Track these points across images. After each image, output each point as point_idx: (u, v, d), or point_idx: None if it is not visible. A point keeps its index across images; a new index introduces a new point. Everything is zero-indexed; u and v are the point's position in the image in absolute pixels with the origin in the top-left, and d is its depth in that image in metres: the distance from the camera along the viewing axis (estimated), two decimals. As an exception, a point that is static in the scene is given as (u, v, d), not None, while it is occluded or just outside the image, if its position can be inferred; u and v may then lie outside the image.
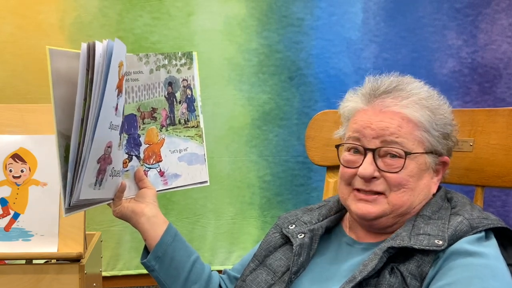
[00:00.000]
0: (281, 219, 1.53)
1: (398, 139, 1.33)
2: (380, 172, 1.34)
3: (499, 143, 1.47)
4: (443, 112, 1.39)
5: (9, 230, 1.70)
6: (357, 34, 2.68)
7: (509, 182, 1.46)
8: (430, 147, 1.36)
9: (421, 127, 1.35)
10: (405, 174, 1.33)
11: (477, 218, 1.31)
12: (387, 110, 1.36)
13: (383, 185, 1.35)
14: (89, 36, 2.51)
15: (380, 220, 1.37)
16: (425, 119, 1.35)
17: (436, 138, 1.36)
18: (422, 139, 1.35)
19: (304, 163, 2.66)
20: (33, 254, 1.68)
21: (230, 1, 2.62)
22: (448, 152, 1.41)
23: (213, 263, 2.65)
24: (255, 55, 2.65)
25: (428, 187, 1.38)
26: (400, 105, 1.36)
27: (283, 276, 1.39)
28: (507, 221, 2.65)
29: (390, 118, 1.35)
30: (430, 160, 1.37)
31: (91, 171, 1.26)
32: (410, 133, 1.34)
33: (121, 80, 1.28)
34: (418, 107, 1.36)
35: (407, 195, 1.34)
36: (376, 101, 1.38)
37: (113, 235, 2.62)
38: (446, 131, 1.39)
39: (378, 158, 1.35)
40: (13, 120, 1.76)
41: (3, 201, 1.71)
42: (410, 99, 1.36)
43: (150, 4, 2.57)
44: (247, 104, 2.65)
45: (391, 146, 1.33)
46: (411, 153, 1.33)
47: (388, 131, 1.34)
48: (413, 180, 1.34)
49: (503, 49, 2.67)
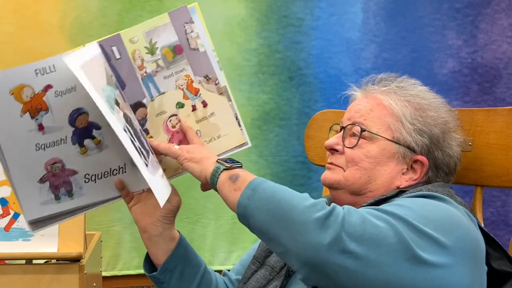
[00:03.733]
0: None
1: (366, 121, 1.39)
2: (343, 147, 1.40)
3: (498, 142, 1.47)
4: (432, 113, 1.40)
5: (9, 230, 1.70)
6: (357, 34, 2.68)
7: (508, 181, 1.45)
8: (400, 137, 1.37)
9: (393, 115, 1.38)
10: (360, 152, 1.38)
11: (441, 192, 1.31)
12: (369, 95, 1.44)
13: (341, 160, 1.40)
14: (89, 36, 2.51)
15: (338, 192, 1.40)
16: (400, 109, 1.38)
17: (408, 131, 1.37)
18: (391, 127, 1.38)
19: (304, 163, 2.66)
20: (33, 254, 1.68)
21: (230, 1, 2.62)
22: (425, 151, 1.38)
23: (213, 263, 2.65)
24: (255, 55, 2.65)
25: (390, 176, 1.38)
26: (380, 91, 1.42)
27: (281, 271, 1.41)
28: (507, 221, 2.65)
29: (367, 102, 1.42)
30: (397, 150, 1.37)
31: (34, 191, 1.29)
32: (379, 117, 1.39)
33: (30, 103, 1.26)
34: (396, 97, 1.40)
35: (360, 173, 1.37)
36: (366, 89, 1.46)
37: (113, 235, 2.62)
38: (427, 129, 1.38)
39: (348, 136, 1.41)
40: (13, 120, 1.76)
41: (3, 201, 1.71)
42: (392, 89, 1.42)
43: (150, 4, 2.57)
44: (247, 104, 2.65)
45: (355, 124, 1.39)
46: (366, 130, 1.37)
47: (359, 113, 1.41)
48: (369, 161, 1.37)
49: (503, 49, 2.67)
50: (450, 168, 1.42)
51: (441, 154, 1.40)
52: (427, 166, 1.38)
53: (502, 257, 1.31)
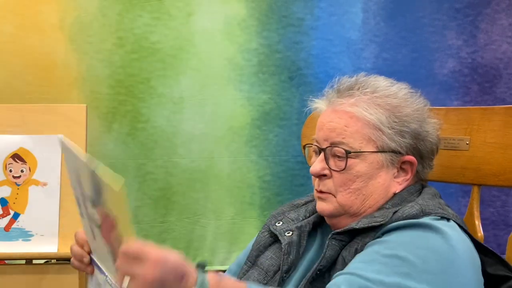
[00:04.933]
0: (269, 217, 1.53)
1: (345, 139, 1.34)
2: (330, 171, 1.36)
3: (496, 141, 1.47)
4: (406, 110, 1.36)
5: (9, 230, 1.70)
6: (357, 34, 2.68)
7: (505, 180, 1.45)
8: (384, 145, 1.34)
9: (370, 125, 1.34)
10: (351, 174, 1.34)
11: (432, 205, 1.30)
12: (338, 109, 1.37)
13: (330, 185, 1.36)
14: (89, 36, 2.52)
15: (338, 219, 1.37)
16: (374, 117, 1.33)
17: (389, 136, 1.34)
18: (372, 138, 1.34)
19: (304, 163, 2.65)
20: (33, 254, 1.69)
21: (230, 1, 2.62)
22: (411, 150, 1.36)
23: (213, 263, 2.65)
24: (255, 55, 2.65)
25: (385, 186, 1.35)
26: (348, 103, 1.36)
27: (275, 275, 1.38)
28: (507, 221, 2.65)
29: (339, 117, 1.36)
30: (384, 158, 1.34)
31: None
32: (357, 132, 1.34)
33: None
34: (367, 106, 1.34)
35: (354, 195, 1.34)
36: (332, 101, 1.40)
37: (113, 235, 2.62)
38: (407, 129, 1.35)
39: (330, 157, 1.36)
40: (13, 120, 1.77)
41: (3, 201, 1.71)
42: (359, 98, 1.36)
43: (150, 4, 2.57)
44: (247, 104, 2.65)
45: (337, 146, 1.34)
46: (352, 151, 1.33)
47: (335, 132, 1.35)
48: (360, 180, 1.34)
49: (503, 49, 2.67)
50: (433, 153, 1.41)
51: (424, 145, 1.38)
52: (416, 164, 1.37)
53: (496, 262, 1.31)
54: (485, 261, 1.30)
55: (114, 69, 2.55)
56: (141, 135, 2.60)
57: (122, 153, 2.59)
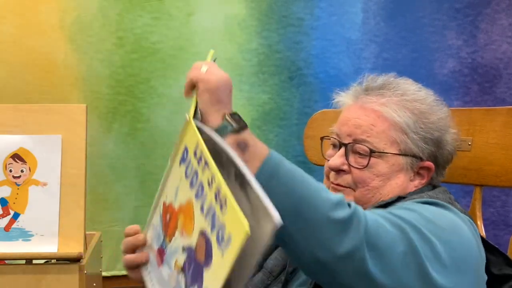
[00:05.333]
0: None
1: (370, 138, 1.34)
2: (350, 167, 1.36)
3: (498, 142, 1.47)
4: (432, 117, 1.37)
5: (9, 230, 1.70)
6: (357, 34, 2.68)
7: (507, 181, 1.45)
8: (407, 149, 1.35)
9: (397, 128, 1.34)
10: (370, 172, 1.34)
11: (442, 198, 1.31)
12: (366, 106, 1.37)
13: (349, 180, 1.36)
14: (89, 36, 2.52)
15: None
16: (402, 120, 1.34)
17: (413, 141, 1.34)
18: (397, 140, 1.34)
19: (304, 163, 2.65)
20: (33, 254, 1.68)
21: (230, 1, 2.62)
22: (431, 157, 1.37)
23: (213, 263, 2.65)
24: (255, 55, 2.65)
25: (402, 188, 1.36)
26: (378, 102, 1.36)
27: (280, 276, 1.39)
28: (507, 221, 2.65)
29: (366, 115, 1.36)
30: (405, 161, 1.35)
31: None
32: (383, 132, 1.34)
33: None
34: (397, 108, 1.35)
35: (372, 193, 1.35)
36: (360, 97, 1.39)
37: (113, 235, 2.62)
38: (431, 136, 1.36)
39: (351, 153, 1.36)
40: (13, 120, 1.76)
41: (3, 201, 1.71)
42: (390, 98, 1.36)
43: (150, 4, 2.57)
44: (247, 104, 2.65)
45: (360, 143, 1.34)
46: (376, 151, 1.33)
47: (361, 129, 1.35)
48: (380, 179, 1.34)
49: (503, 49, 2.67)
50: (448, 163, 1.42)
51: (442, 153, 1.39)
52: (433, 170, 1.38)
53: (501, 262, 1.31)
54: (490, 260, 1.30)
55: (114, 69, 2.54)
56: (141, 135, 2.60)
57: (122, 153, 2.59)
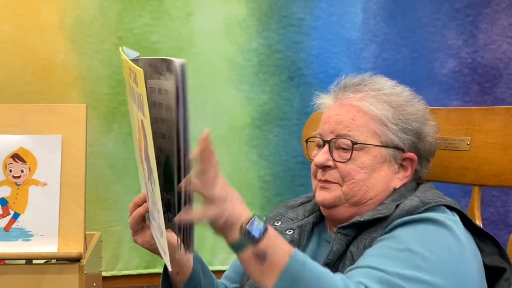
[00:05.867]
0: (267, 219, 1.53)
1: (351, 132, 1.39)
2: (334, 162, 1.39)
3: (496, 141, 1.47)
4: (410, 109, 1.42)
5: (9, 230, 1.70)
6: (357, 34, 2.68)
7: (506, 181, 1.45)
8: (388, 140, 1.39)
9: (376, 120, 1.39)
10: (355, 165, 1.38)
11: (431, 196, 1.34)
12: (345, 103, 1.43)
13: (336, 175, 1.40)
14: (89, 36, 2.52)
15: (338, 209, 1.41)
16: (381, 113, 1.39)
17: (393, 132, 1.39)
18: (378, 132, 1.39)
19: (304, 163, 2.66)
20: (33, 254, 1.68)
21: (230, 1, 2.62)
22: (413, 148, 1.42)
23: (213, 263, 2.64)
24: (255, 55, 2.65)
25: (387, 180, 1.40)
26: (356, 97, 1.42)
27: None
28: (506, 221, 2.65)
29: (346, 111, 1.41)
30: (388, 153, 1.39)
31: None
32: (363, 125, 1.39)
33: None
34: (375, 101, 1.40)
35: (358, 185, 1.38)
36: (339, 96, 1.45)
37: (113, 235, 2.62)
38: (410, 126, 1.41)
39: (334, 149, 1.40)
40: (13, 120, 1.77)
41: (3, 201, 1.71)
42: (366, 93, 1.42)
43: (150, 4, 2.57)
44: (247, 104, 2.65)
45: (343, 138, 1.39)
46: (357, 143, 1.37)
47: (342, 124, 1.40)
48: (364, 171, 1.38)
49: (503, 49, 2.67)
50: (431, 154, 1.46)
51: (423, 145, 1.43)
52: (416, 161, 1.42)
53: (494, 252, 1.33)
54: (483, 250, 1.33)
55: (114, 69, 2.54)
56: (141, 135, 2.60)
57: (122, 153, 2.59)
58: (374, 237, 1.29)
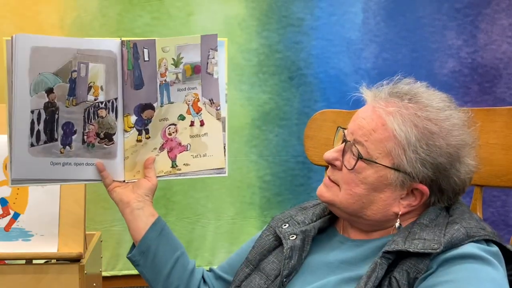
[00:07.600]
0: (275, 220, 1.50)
1: (367, 142, 1.30)
2: (342, 164, 1.34)
3: (498, 142, 1.47)
4: (441, 141, 1.29)
5: (9, 230, 1.70)
6: (357, 34, 2.68)
7: (508, 181, 1.45)
8: (400, 164, 1.28)
9: (396, 141, 1.28)
10: (357, 177, 1.31)
11: (475, 227, 1.27)
12: (376, 110, 1.31)
13: (339, 177, 1.35)
14: (89, 36, 2.51)
15: (335, 209, 1.38)
16: (404, 135, 1.28)
17: (409, 160, 1.28)
18: (392, 153, 1.29)
19: (304, 163, 2.66)
20: (33, 254, 1.68)
21: (230, 1, 2.62)
22: (426, 181, 1.30)
23: (213, 263, 2.65)
24: (255, 55, 2.65)
25: (387, 203, 1.32)
26: (386, 110, 1.30)
27: (276, 279, 1.37)
28: (506, 221, 2.66)
29: (372, 119, 1.31)
30: (395, 177, 1.29)
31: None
32: (381, 141, 1.29)
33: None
34: (403, 120, 1.28)
35: (354, 199, 1.32)
36: (377, 98, 1.34)
37: (113, 235, 2.62)
38: (431, 160, 1.28)
39: (348, 151, 1.33)
40: (13, 120, 1.76)
41: (3, 201, 1.71)
42: (400, 110, 1.29)
43: (150, 4, 2.57)
44: (247, 104, 2.65)
45: (357, 144, 1.31)
46: (364, 158, 1.30)
47: (362, 131, 1.31)
48: (364, 187, 1.31)
49: (503, 49, 2.67)
50: (456, 194, 1.34)
51: (446, 181, 1.31)
52: (427, 195, 1.31)
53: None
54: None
55: (114, 69, 2.54)
56: (141, 135, 2.60)
57: (122, 153, 2.59)
58: (421, 269, 1.21)
